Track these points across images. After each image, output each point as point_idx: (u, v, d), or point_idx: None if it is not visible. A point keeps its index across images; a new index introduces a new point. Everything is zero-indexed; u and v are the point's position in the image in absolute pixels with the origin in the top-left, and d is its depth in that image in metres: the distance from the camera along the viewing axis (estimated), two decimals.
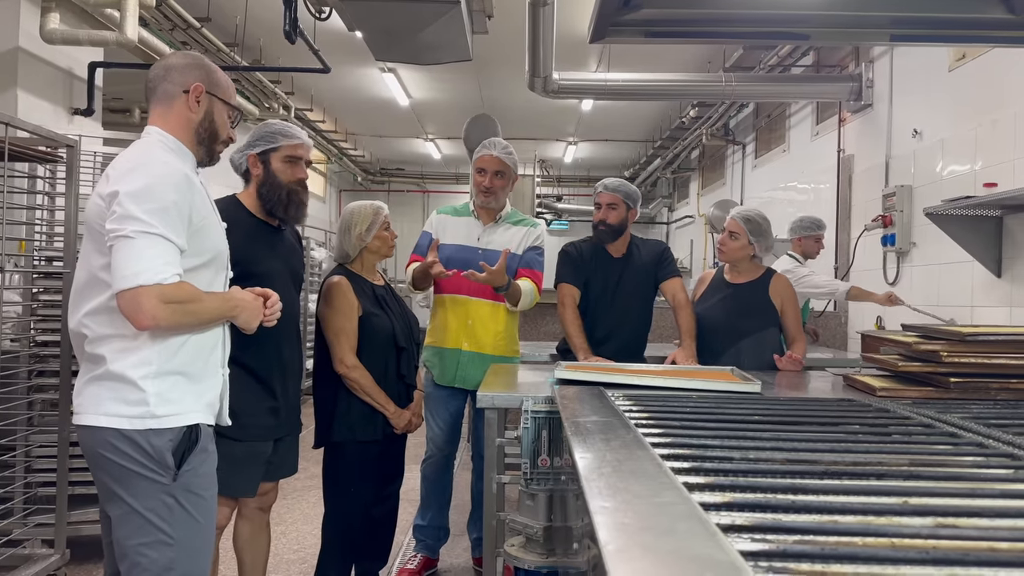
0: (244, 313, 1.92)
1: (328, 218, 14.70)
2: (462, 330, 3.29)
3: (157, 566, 1.74)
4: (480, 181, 3.33)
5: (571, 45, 6.93)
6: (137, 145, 1.88)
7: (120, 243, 1.68)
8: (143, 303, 1.65)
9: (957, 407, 1.87)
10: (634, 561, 0.73)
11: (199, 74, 1.94)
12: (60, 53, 5.36)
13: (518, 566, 2.10)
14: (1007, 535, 0.87)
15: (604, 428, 1.45)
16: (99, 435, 1.73)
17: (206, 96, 1.94)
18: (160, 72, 1.93)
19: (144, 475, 1.73)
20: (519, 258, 3.36)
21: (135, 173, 1.74)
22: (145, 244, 1.67)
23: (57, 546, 3.14)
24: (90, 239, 1.81)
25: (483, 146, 3.37)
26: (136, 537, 1.74)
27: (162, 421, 1.75)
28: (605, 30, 2.05)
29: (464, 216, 3.42)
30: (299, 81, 9.10)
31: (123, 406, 1.73)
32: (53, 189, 3.66)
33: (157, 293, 1.66)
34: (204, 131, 1.95)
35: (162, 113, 1.92)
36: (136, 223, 1.68)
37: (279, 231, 2.57)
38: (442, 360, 3.32)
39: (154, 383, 1.75)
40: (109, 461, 1.74)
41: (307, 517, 4.26)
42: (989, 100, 4.42)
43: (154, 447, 1.73)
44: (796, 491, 1.03)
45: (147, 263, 1.66)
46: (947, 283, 4.80)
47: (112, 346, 1.75)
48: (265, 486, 2.63)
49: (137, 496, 1.74)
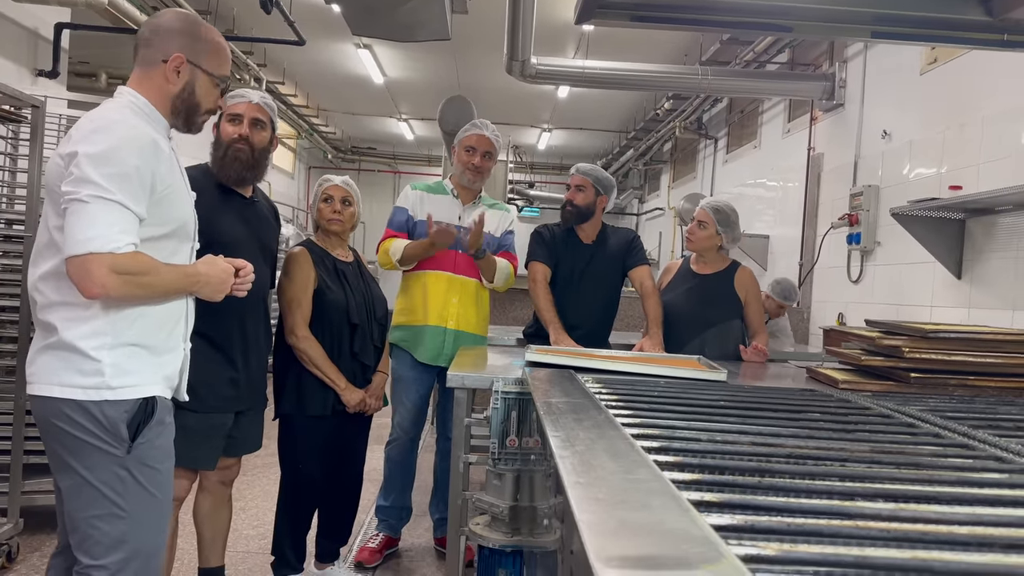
0: (207, 288, 1.86)
1: (296, 194, 14.52)
2: (447, 308, 3.26)
3: (109, 538, 1.70)
4: (468, 159, 3.30)
5: (550, 30, 6.92)
6: (105, 105, 1.79)
7: (74, 207, 1.60)
8: (92, 271, 1.58)
9: (915, 400, 1.92)
10: (610, 534, 0.74)
11: (182, 42, 1.82)
12: (25, 12, 5.20)
13: (482, 544, 2.11)
14: (964, 519, 0.89)
15: (576, 408, 1.46)
16: (52, 405, 1.68)
17: (187, 67, 1.83)
18: (146, 33, 1.83)
19: (97, 446, 1.68)
20: (496, 240, 3.37)
21: (98, 135, 1.66)
22: (100, 209, 1.60)
23: (10, 515, 3.07)
24: (49, 201, 1.72)
25: (473, 125, 3.35)
26: (88, 509, 1.70)
27: (117, 392, 1.69)
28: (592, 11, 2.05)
29: (442, 194, 3.39)
30: (272, 53, 8.95)
31: (77, 376, 1.67)
32: (15, 151, 3.56)
33: (108, 262, 1.59)
34: (181, 103, 1.85)
35: (139, 77, 1.82)
36: (92, 187, 1.60)
37: (252, 202, 2.53)
38: (421, 338, 3.26)
39: (110, 354, 1.69)
40: (61, 431, 1.69)
41: (267, 494, 4.23)
42: (958, 105, 4.51)
43: (108, 418, 1.68)
44: (762, 472, 1.06)
45: (101, 230, 1.59)
46: (909, 283, 4.91)
47: (64, 314, 1.69)
48: (227, 461, 2.60)
49: (90, 468, 1.69)
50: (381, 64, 9.64)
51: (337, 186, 2.87)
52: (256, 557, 3.34)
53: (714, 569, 0.66)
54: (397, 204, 3.40)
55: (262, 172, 2.51)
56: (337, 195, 2.86)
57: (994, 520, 0.90)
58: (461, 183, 3.37)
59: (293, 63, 9.73)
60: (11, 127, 3.46)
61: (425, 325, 3.26)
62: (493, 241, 3.35)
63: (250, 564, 3.27)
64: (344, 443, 2.92)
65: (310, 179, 15.41)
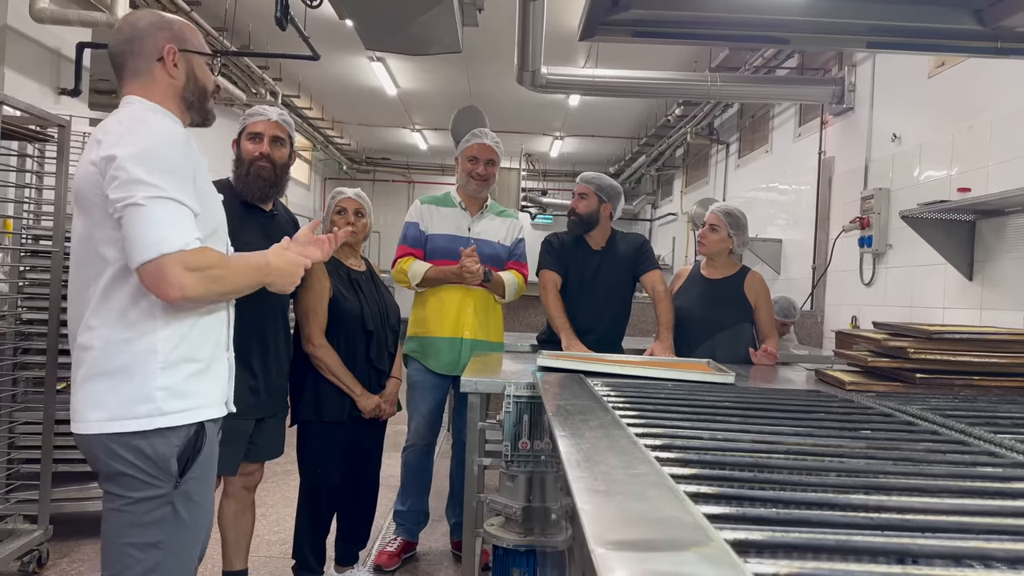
0: (279, 280, 1.79)
1: (312, 205, 14.66)
2: (463, 319, 3.33)
3: (142, 567, 1.63)
4: (472, 168, 3.38)
5: (560, 40, 6.98)
6: (123, 111, 1.70)
7: (131, 212, 1.52)
8: (168, 272, 1.50)
9: (918, 400, 1.96)
10: (608, 521, 0.80)
11: (165, 34, 1.74)
12: (48, 32, 5.34)
13: (497, 544, 2.17)
14: (948, 508, 0.94)
15: (583, 410, 1.52)
16: (98, 441, 1.60)
17: (181, 56, 1.75)
18: (122, 47, 1.73)
19: (144, 481, 1.62)
20: (508, 250, 3.44)
21: (133, 135, 1.58)
22: (159, 209, 1.52)
23: (40, 522, 3.17)
24: (83, 213, 1.64)
25: (473, 135, 3.42)
26: (124, 536, 1.63)
27: (170, 419, 1.62)
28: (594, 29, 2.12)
29: (449, 206, 3.46)
30: (287, 68, 9.09)
31: (126, 405, 1.59)
32: (41, 168, 3.67)
33: (181, 260, 1.52)
34: (192, 93, 1.78)
35: (141, 85, 1.74)
36: (145, 187, 1.52)
37: (272, 215, 2.62)
38: (437, 350, 3.33)
39: (163, 376, 1.61)
40: (107, 464, 1.61)
41: (287, 500, 4.31)
42: (966, 107, 4.54)
43: (158, 453, 1.61)
44: (759, 467, 1.11)
45: (165, 230, 1.52)
46: (921, 285, 4.93)
47: (110, 333, 1.60)
48: (250, 467, 2.68)
49: (134, 499, 1.62)
50: (394, 76, 9.76)
51: (350, 198, 2.96)
52: (277, 561, 3.42)
53: (702, 551, 0.72)
54: (408, 219, 3.47)
55: (283, 187, 2.60)
56: (350, 207, 2.95)
57: (977, 509, 0.95)
58: (467, 193, 3.45)
59: (308, 77, 9.87)
60: (37, 146, 3.57)
61: (441, 337, 3.33)
62: (504, 251, 3.42)
63: (271, 568, 3.35)
64: (361, 448, 3.00)
65: (325, 190, 15.55)
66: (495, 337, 3.46)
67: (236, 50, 7.47)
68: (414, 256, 3.36)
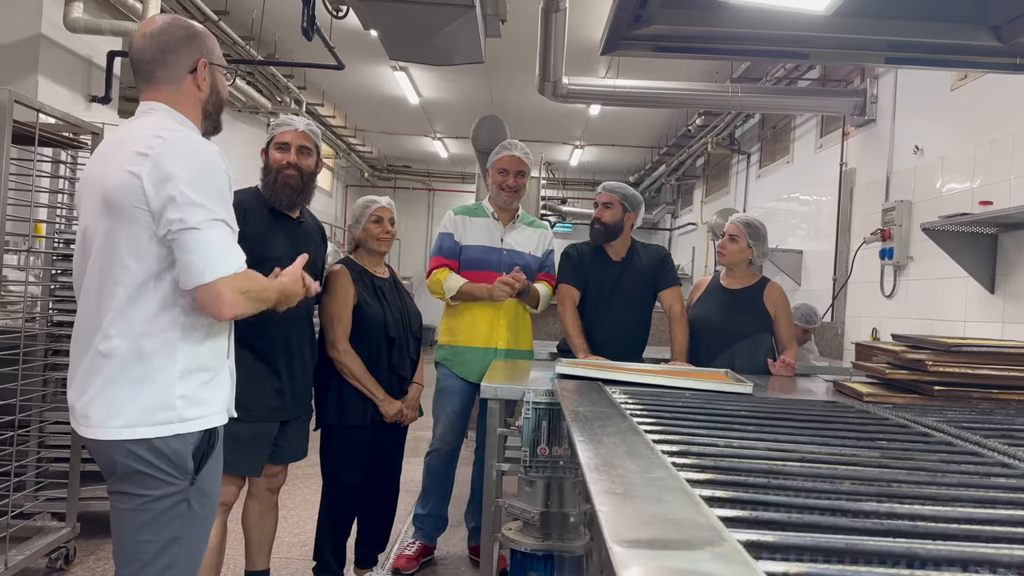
0: (291, 300, 1.90)
1: (334, 212, 14.81)
2: (495, 329, 3.39)
3: (159, 563, 1.68)
4: (503, 180, 3.44)
5: (581, 51, 7.03)
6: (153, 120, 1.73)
7: (188, 236, 1.59)
8: (225, 296, 1.61)
9: (934, 412, 1.98)
10: (625, 521, 0.84)
11: (199, 48, 1.79)
12: (80, 41, 5.47)
13: (515, 548, 2.20)
14: (957, 516, 0.97)
15: (602, 417, 1.56)
16: (118, 446, 1.64)
17: (209, 69, 1.81)
18: (156, 54, 1.74)
19: (161, 479, 1.66)
20: (539, 260, 3.52)
21: (184, 154, 1.64)
22: (214, 234, 1.61)
23: (68, 520, 3.24)
24: (111, 219, 1.65)
25: (503, 147, 3.48)
26: (141, 534, 1.67)
27: (188, 425, 1.68)
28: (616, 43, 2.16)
29: (482, 217, 3.51)
30: (311, 76, 9.22)
31: (147, 412, 1.64)
32: (73, 174, 3.76)
33: (235, 285, 1.63)
34: (212, 105, 1.85)
35: (170, 95, 1.77)
36: (200, 211, 1.60)
37: (299, 223, 2.68)
38: (468, 358, 3.38)
39: (181, 384, 1.67)
40: (125, 466, 1.65)
41: (307, 503, 4.36)
42: (988, 120, 4.52)
43: (175, 452, 1.66)
44: (773, 474, 1.14)
45: (221, 254, 1.61)
46: (942, 298, 4.90)
47: (134, 343, 1.64)
48: (273, 468, 2.74)
49: (151, 497, 1.66)
50: (417, 85, 9.87)
51: (385, 207, 3.02)
52: (297, 563, 3.47)
53: (716, 551, 0.75)
54: (442, 230, 3.52)
55: (310, 195, 2.67)
56: (386, 216, 3.01)
57: (986, 518, 0.97)
58: (499, 204, 3.50)
59: (332, 85, 10.00)
60: (69, 152, 3.67)
61: (474, 347, 3.38)
62: (536, 262, 3.49)
63: (292, 569, 3.40)
64: (382, 453, 3.04)
65: (347, 197, 15.71)
66: (525, 346, 3.52)
67: (262, 59, 7.59)
68: (449, 267, 3.40)
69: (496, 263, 3.36)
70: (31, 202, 2.94)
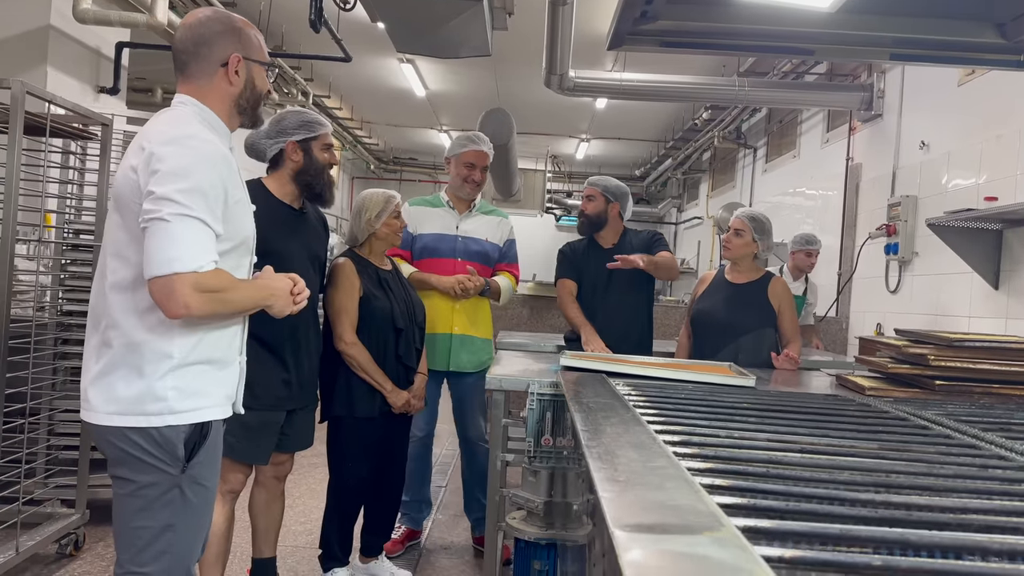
0: (278, 302, 1.83)
1: (340, 204, 14.84)
2: (451, 314, 3.45)
3: (154, 549, 1.70)
4: (469, 174, 3.51)
5: (588, 44, 7.03)
6: (172, 115, 1.76)
7: (155, 226, 1.58)
8: (176, 291, 1.56)
9: (935, 405, 2.00)
10: (627, 507, 0.86)
11: (233, 42, 1.80)
12: (89, 32, 5.49)
13: (518, 537, 2.23)
14: (951, 506, 0.99)
15: (605, 407, 1.58)
16: (114, 430, 1.68)
17: (244, 64, 1.81)
18: (190, 46, 1.77)
19: (154, 465, 1.69)
20: (499, 250, 3.60)
21: (174, 147, 1.64)
22: (182, 228, 1.58)
23: (78, 507, 3.29)
24: (117, 213, 1.70)
25: (471, 140, 3.54)
26: (136, 520, 1.70)
27: (180, 416, 1.69)
28: (623, 39, 2.18)
29: (438, 207, 3.59)
30: (318, 68, 9.23)
31: (140, 403, 1.66)
32: (83, 165, 3.80)
33: (192, 281, 1.57)
34: (246, 101, 1.85)
35: (199, 88, 1.79)
36: (173, 205, 1.58)
37: (302, 214, 2.71)
38: (432, 347, 3.41)
39: (174, 376, 1.68)
40: (119, 449, 1.69)
41: (313, 492, 4.41)
42: (995, 116, 4.52)
43: (166, 439, 1.69)
44: (773, 463, 1.16)
45: (184, 249, 1.57)
46: (946, 293, 4.91)
47: (129, 333, 1.67)
48: (280, 456, 2.77)
49: (144, 483, 1.69)
50: (423, 78, 9.87)
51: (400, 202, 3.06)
52: (304, 551, 3.51)
53: (714, 535, 0.78)
54: None
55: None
56: (400, 211, 3.06)
57: (979, 508, 0.99)
58: (459, 195, 3.57)
59: (339, 77, 10.01)
60: (79, 143, 3.70)
61: (434, 334, 3.42)
62: (494, 249, 3.57)
63: (298, 557, 3.44)
64: (389, 443, 3.08)
65: (353, 189, 15.73)
66: (483, 333, 3.58)
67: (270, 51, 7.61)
68: (401, 257, 3.47)
69: (450, 250, 3.45)
70: (42, 192, 2.98)
